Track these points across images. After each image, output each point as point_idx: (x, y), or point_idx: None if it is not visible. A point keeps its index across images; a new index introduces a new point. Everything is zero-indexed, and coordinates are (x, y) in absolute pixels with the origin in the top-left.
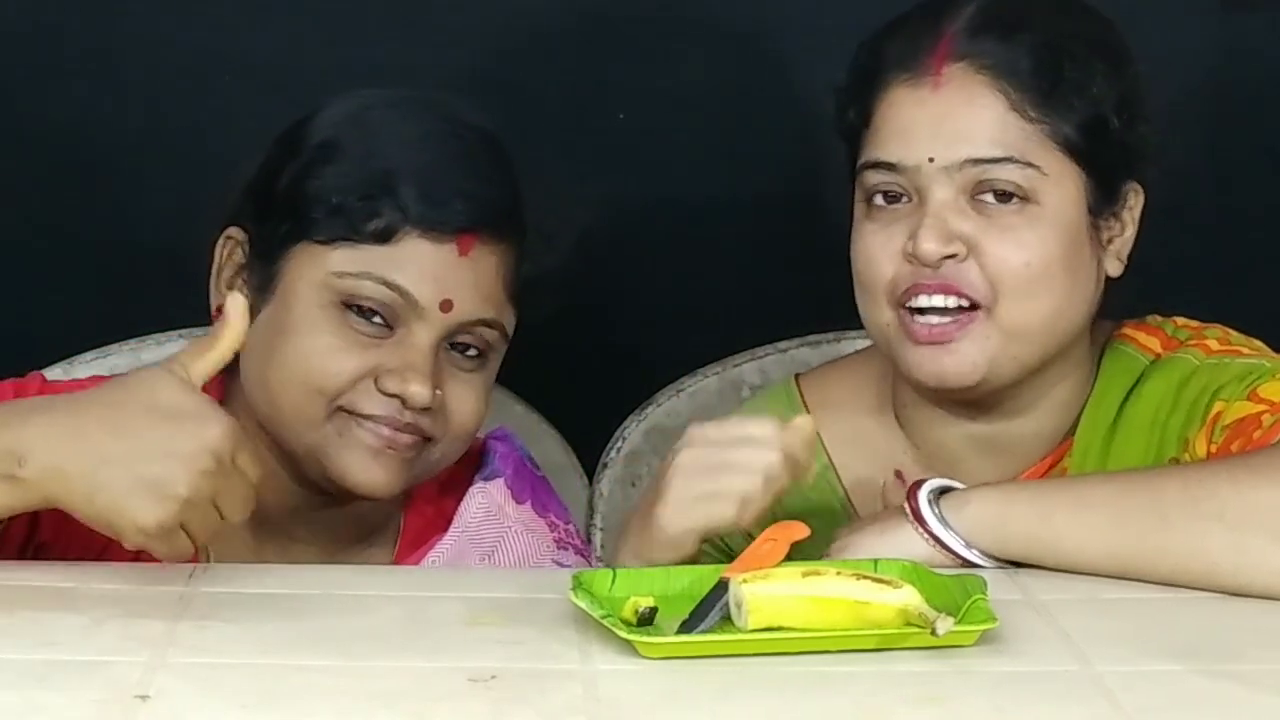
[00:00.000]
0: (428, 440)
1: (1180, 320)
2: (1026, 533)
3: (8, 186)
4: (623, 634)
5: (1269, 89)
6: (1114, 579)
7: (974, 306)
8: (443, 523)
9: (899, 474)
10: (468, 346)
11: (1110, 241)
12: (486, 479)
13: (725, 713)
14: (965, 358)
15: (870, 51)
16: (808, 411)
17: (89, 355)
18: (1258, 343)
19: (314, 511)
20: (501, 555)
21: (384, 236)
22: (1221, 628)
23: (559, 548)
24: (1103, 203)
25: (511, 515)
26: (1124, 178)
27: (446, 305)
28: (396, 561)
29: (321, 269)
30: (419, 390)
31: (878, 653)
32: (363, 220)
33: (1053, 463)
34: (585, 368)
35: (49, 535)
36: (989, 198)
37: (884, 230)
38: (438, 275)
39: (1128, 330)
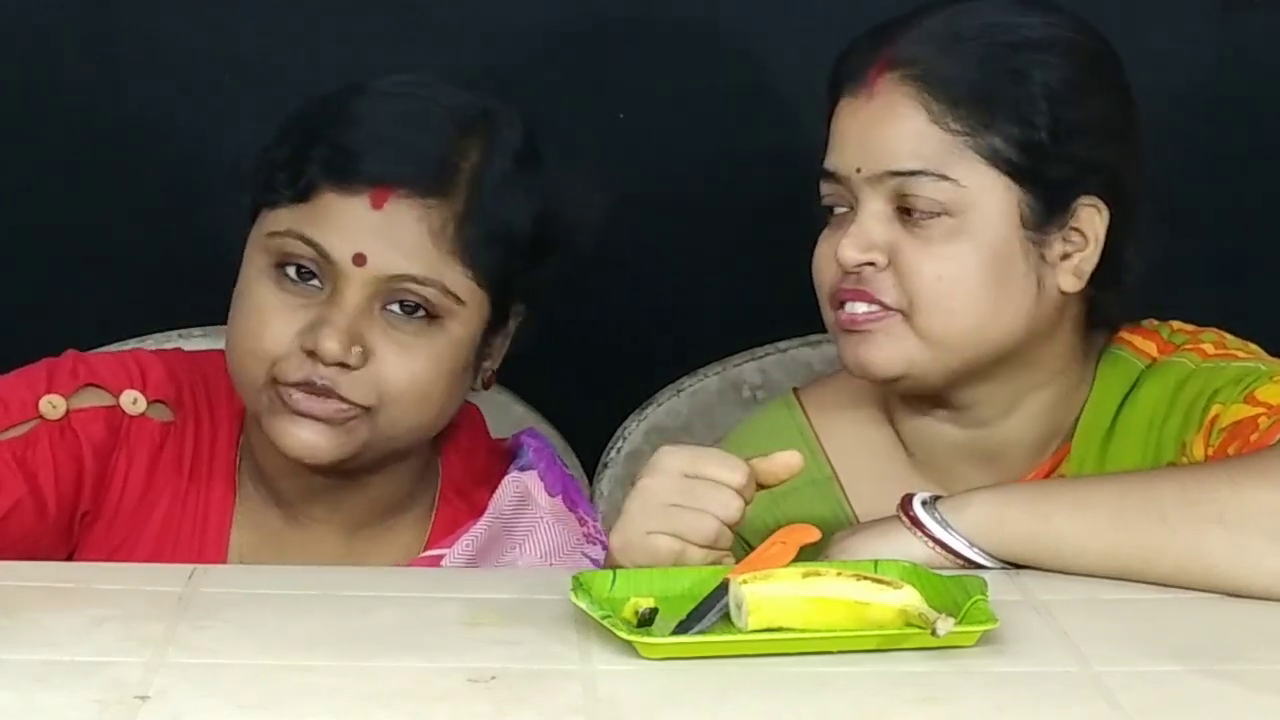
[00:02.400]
0: (359, 408)
1: (1176, 324)
2: (1026, 534)
3: (7, 186)
4: (623, 634)
5: (1269, 89)
6: (1114, 580)
7: (887, 310)
8: (475, 512)
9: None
10: (415, 307)
11: (1066, 257)
12: (521, 469)
13: (725, 713)
14: (882, 350)
15: (833, 68)
16: (810, 424)
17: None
18: (1254, 346)
19: (328, 491)
20: (533, 544)
21: (304, 194)
22: (1221, 628)
23: (588, 541)
24: (1045, 218)
25: (544, 506)
26: (1073, 193)
27: (360, 259)
28: (428, 548)
29: (262, 232)
30: (329, 345)
31: (878, 653)
32: (291, 180)
33: (1050, 469)
34: (585, 368)
35: (90, 504)
36: (915, 212)
37: (829, 238)
38: (349, 229)
39: (1124, 335)
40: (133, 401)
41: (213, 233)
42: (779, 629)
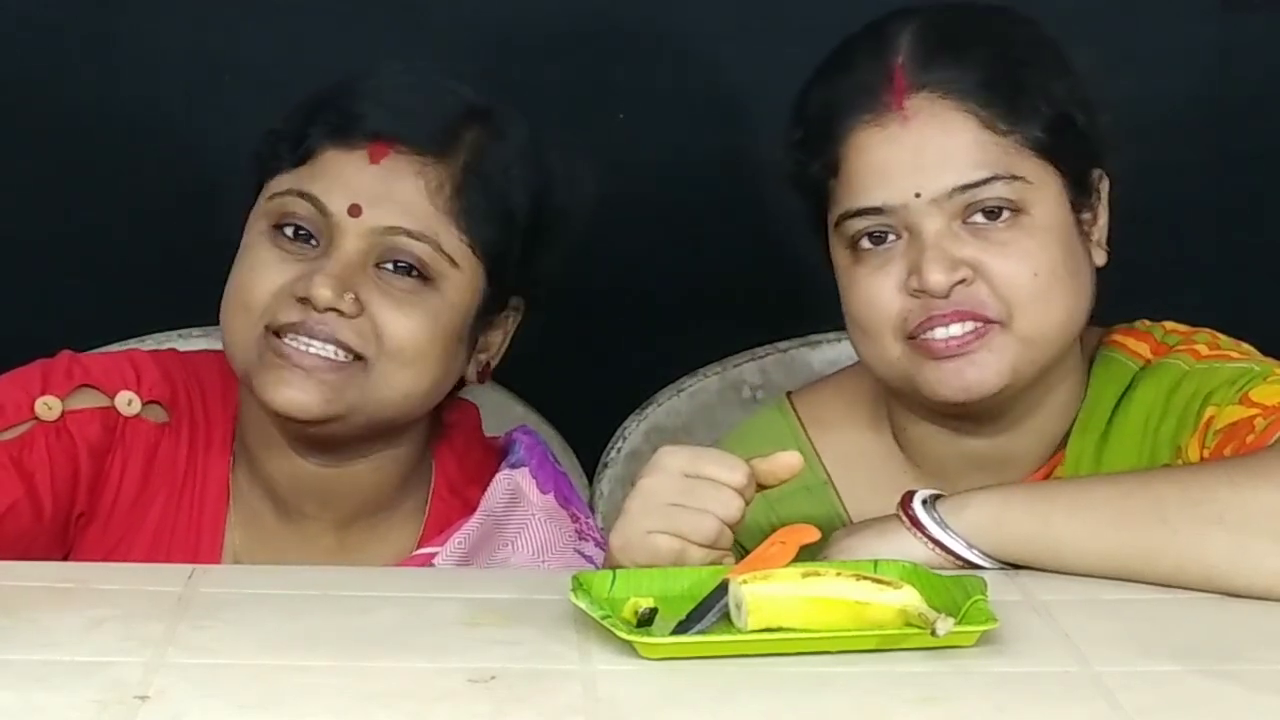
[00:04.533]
0: (357, 359)
1: (1169, 325)
2: (1025, 535)
3: (7, 185)
4: (622, 634)
5: (1269, 89)
6: (1113, 580)
7: (989, 322)
8: (467, 509)
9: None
10: (409, 268)
11: (1089, 232)
12: (513, 466)
13: (725, 713)
14: (988, 367)
15: (821, 103)
16: (804, 429)
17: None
18: (1247, 346)
19: (318, 483)
20: (525, 541)
21: (306, 155)
22: (1221, 628)
23: (580, 538)
24: (1080, 196)
25: (536, 503)
26: (1092, 165)
27: (354, 210)
28: (420, 546)
29: (263, 199)
30: (321, 291)
31: (878, 653)
32: (293, 146)
33: (1046, 473)
34: (585, 367)
35: (85, 505)
36: (979, 218)
37: (879, 271)
38: (346, 181)
39: (1117, 336)
40: (128, 403)
41: (212, 232)
42: (779, 629)
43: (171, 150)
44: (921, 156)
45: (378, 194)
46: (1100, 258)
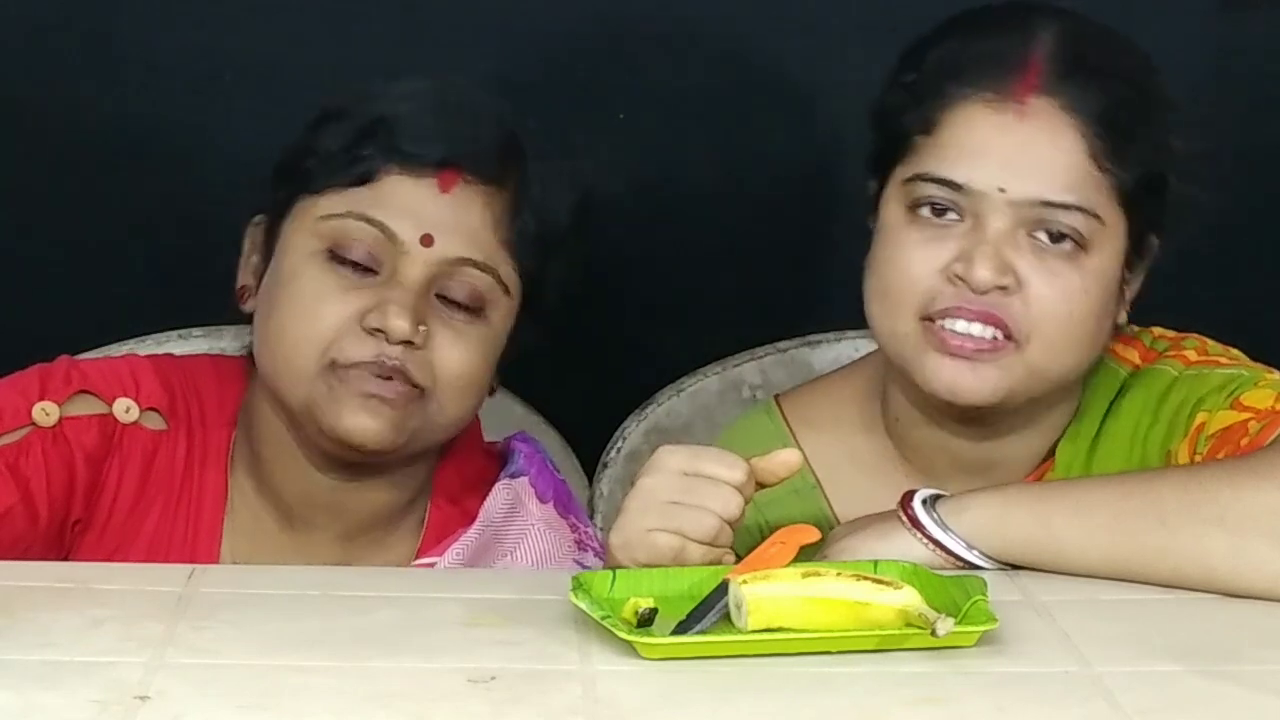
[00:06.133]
0: (418, 390)
1: (1157, 330)
2: (1026, 536)
3: (8, 185)
4: (622, 635)
5: (1269, 89)
6: (1114, 581)
7: (1008, 337)
8: (466, 519)
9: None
10: (460, 301)
11: (1124, 289)
12: (512, 476)
13: (725, 714)
14: (987, 381)
15: (942, 59)
16: (791, 432)
17: (91, 355)
18: (1235, 351)
19: (332, 497)
20: (524, 552)
21: (366, 177)
22: (1221, 629)
23: (580, 549)
24: (1134, 255)
25: (535, 513)
26: (1156, 233)
27: (427, 240)
28: (419, 555)
29: (311, 217)
30: (398, 322)
31: (878, 653)
32: (347, 165)
33: (1036, 480)
34: (585, 368)
35: (81, 513)
36: (1043, 235)
37: (928, 245)
38: (417, 210)
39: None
40: (125, 410)
41: (213, 232)
42: (779, 629)
43: (172, 150)
44: (1024, 156)
45: (448, 224)
46: (1123, 317)
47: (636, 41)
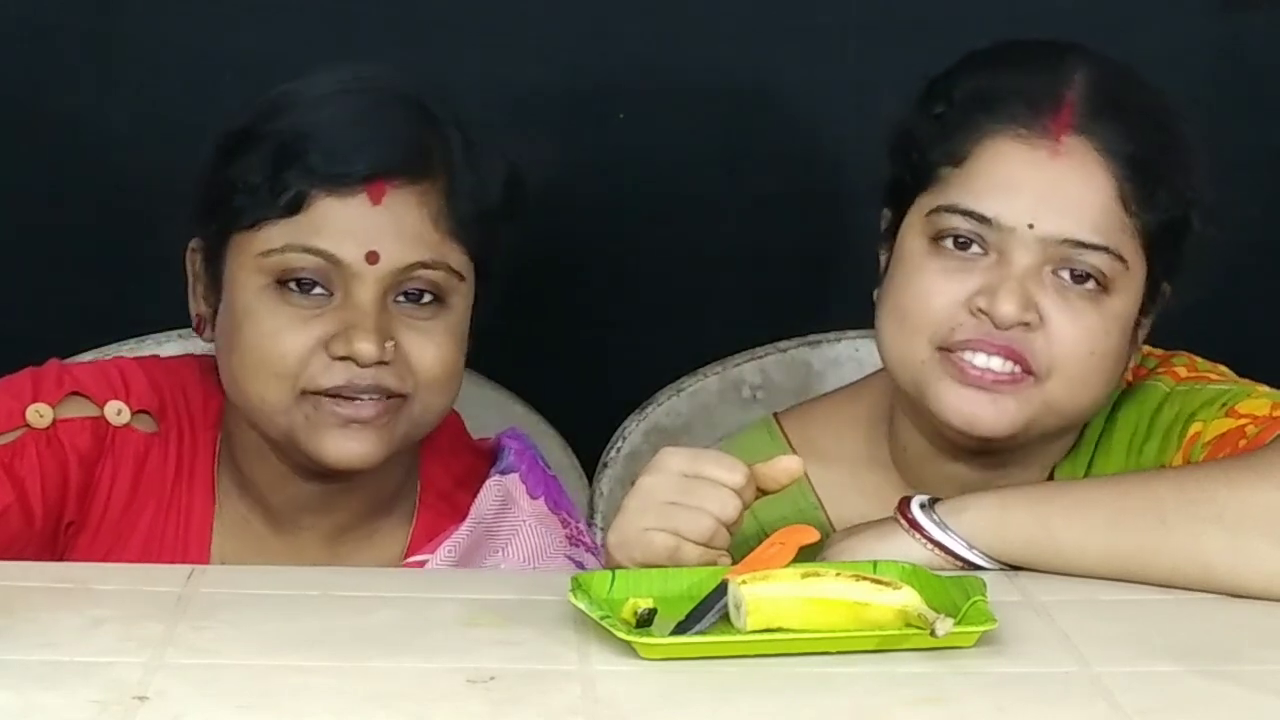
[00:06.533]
0: (399, 398)
1: (1145, 348)
2: (1025, 537)
3: (7, 185)
4: (622, 635)
5: (1269, 89)
6: (1113, 580)
7: (1027, 372)
8: (457, 516)
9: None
10: (420, 294)
11: (1137, 334)
12: (502, 473)
13: (724, 714)
14: (1005, 413)
15: (974, 92)
16: (791, 448)
17: (88, 355)
18: (1223, 368)
19: (318, 497)
20: (515, 548)
21: (296, 206)
22: (1220, 628)
23: (571, 544)
24: (1149, 299)
25: (526, 509)
26: (1172, 279)
27: (373, 257)
28: (409, 553)
29: (251, 253)
30: (365, 346)
31: (877, 654)
32: (274, 196)
33: None
34: (585, 368)
35: (75, 514)
36: (1066, 275)
37: (951, 275)
38: (354, 230)
39: None
40: (117, 412)
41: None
42: (778, 629)
43: (171, 150)
44: (1054, 194)
45: (388, 234)
46: (1136, 359)
47: (637, 41)
